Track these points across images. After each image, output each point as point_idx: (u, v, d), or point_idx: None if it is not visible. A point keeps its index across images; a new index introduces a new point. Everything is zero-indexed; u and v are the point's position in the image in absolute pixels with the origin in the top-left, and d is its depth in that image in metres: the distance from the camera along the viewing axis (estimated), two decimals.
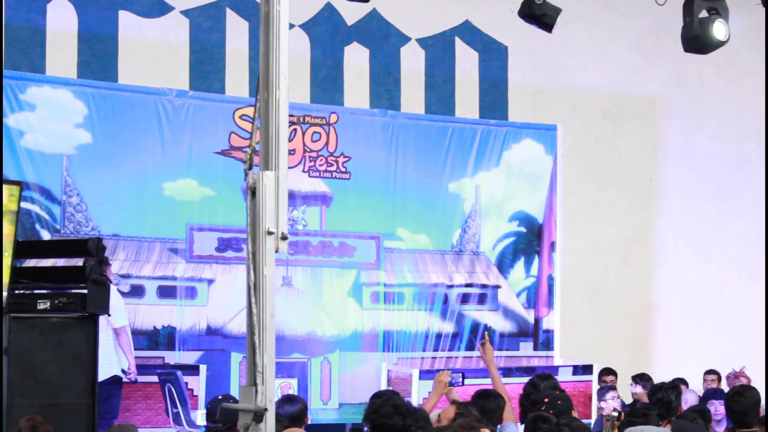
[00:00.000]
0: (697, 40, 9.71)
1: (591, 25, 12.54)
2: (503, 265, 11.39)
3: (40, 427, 5.85)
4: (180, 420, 8.75)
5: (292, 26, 9.48)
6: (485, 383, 8.27)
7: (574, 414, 6.67)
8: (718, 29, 9.60)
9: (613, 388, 10.24)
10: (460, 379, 7.35)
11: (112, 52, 10.68)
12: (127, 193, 9.83)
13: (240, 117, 10.26)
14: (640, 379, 10.42)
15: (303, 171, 10.55)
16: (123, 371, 8.73)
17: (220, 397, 6.90)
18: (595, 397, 10.37)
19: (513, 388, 8.79)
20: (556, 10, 9.68)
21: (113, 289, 8.78)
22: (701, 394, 10.78)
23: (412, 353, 10.86)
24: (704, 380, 11.43)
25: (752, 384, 10.27)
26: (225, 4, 11.14)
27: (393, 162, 10.92)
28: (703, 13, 9.60)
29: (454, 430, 5.42)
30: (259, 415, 4.04)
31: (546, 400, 6.71)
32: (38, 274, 7.72)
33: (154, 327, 9.90)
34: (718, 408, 9.17)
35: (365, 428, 5.10)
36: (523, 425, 6.80)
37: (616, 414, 7.16)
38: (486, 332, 10.00)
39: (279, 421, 4.71)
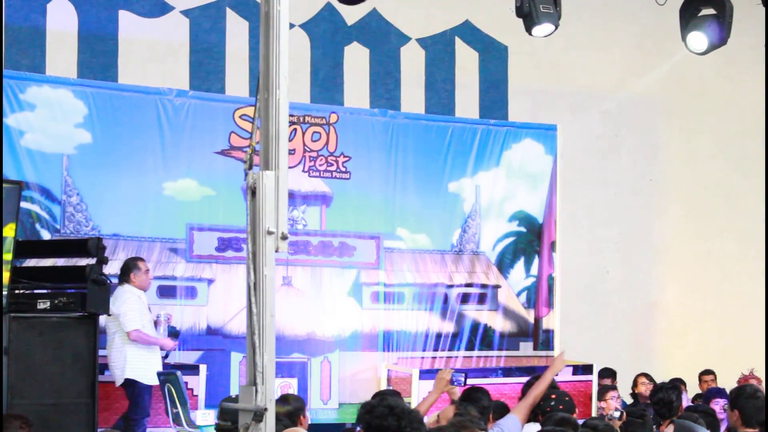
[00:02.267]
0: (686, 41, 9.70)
1: (591, 25, 12.54)
2: (503, 265, 11.38)
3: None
4: (180, 420, 8.73)
5: (292, 26, 9.48)
6: (486, 383, 8.28)
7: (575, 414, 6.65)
8: (695, 41, 9.60)
9: (614, 388, 10.25)
10: (462, 379, 7.31)
11: (112, 52, 10.68)
12: (127, 193, 9.82)
13: (240, 117, 10.26)
14: (646, 378, 10.48)
15: (303, 171, 10.55)
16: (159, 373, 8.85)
17: (234, 396, 6.87)
18: (595, 397, 10.37)
19: (513, 387, 8.81)
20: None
21: (134, 294, 8.90)
22: (694, 395, 10.78)
23: (412, 353, 10.85)
24: (702, 381, 11.42)
25: (762, 384, 10.28)
26: (225, 4, 11.14)
27: (393, 162, 10.91)
28: (706, 11, 9.56)
29: (447, 428, 5.43)
30: (259, 415, 4.04)
31: (553, 396, 6.67)
32: (38, 274, 7.73)
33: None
34: (720, 408, 9.17)
35: (358, 428, 5.08)
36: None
37: (617, 414, 7.15)
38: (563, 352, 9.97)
39: (279, 421, 4.70)
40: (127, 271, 9.06)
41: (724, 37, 9.43)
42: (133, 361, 8.91)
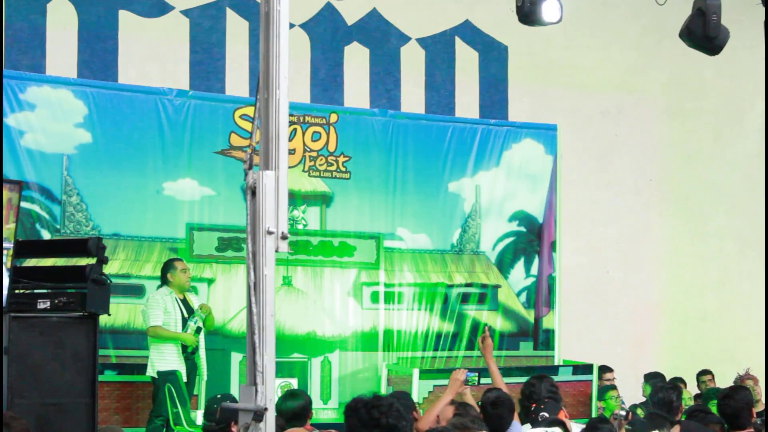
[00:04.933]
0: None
1: (591, 25, 12.54)
2: (503, 264, 11.38)
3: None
4: (180, 420, 8.75)
5: (292, 26, 9.49)
6: (486, 383, 8.27)
7: (564, 413, 6.65)
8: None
9: (614, 388, 10.26)
10: (476, 378, 7.31)
11: (112, 52, 10.68)
12: (127, 193, 9.82)
13: (240, 117, 10.26)
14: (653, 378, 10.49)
15: (303, 171, 10.55)
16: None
17: (219, 396, 6.90)
18: (595, 397, 10.38)
19: (513, 387, 8.80)
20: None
21: (160, 293, 9.11)
22: (693, 395, 10.79)
23: (412, 353, 10.86)
24: (700, 381, 11.42)
25: (760, 384, 10.29)
26: (225, 4, 11.14)
27: (393, 162, 10.91)
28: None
29: (448, 430, 5.43)
30: (259, 415, 4.04)
31: (535, 402, 6.72)
32: (38, 274, 7.72)
33: None
34: None
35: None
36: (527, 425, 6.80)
37: (623, 413, 7.15)
38: (486, 327, 10.00)
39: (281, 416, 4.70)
40: (164, 273, 9.24)
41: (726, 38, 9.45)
42: (153, 359, 9.03)
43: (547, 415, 6.38)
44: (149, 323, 9.07)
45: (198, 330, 9.16)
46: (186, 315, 9.18)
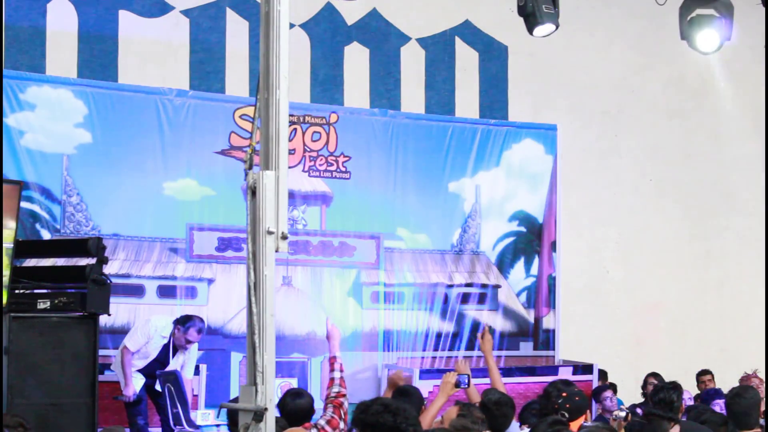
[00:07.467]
0: (692, 41, 9.68)
1: (591, 25, 12.54)
2: (503, 264, 11.38)
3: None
4: (180, 420, 8.75)
5: (292, 26, 9.48)
6: (486, 383, 8.26)
7: (589, 415, 6.62)
8: (704, 40, 9.53)
9: (607, 387, 10.24)
10: (466, 380, 7.32)
11: (112, 52, 10.68)
12: (127, 193, 9.83)
13: (240, 117, 10.26)
14: (655, 378, 10.48)
15: (303, 171, 10.55)
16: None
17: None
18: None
19: (513, 387, 8.81)
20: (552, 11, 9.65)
21: (155, 323, 8.89)
22: (693, 395, 10.78)
23: (412, 353, 10.86)
24: (699, 381, 11.40)
25: (763, 386, 10.27)
26: (225, 4, 11.14)
27: (393, 162, 10.92)
28: (702, 12, 9.55)
29: (445, 430, 5.43)
30: (259, 415, 4.04)
31: (564, 394, 6.66)
32: (38, 274, 7.73)
33: None
34: (722, 408, 9.17)
35: (353, 431, 5.08)
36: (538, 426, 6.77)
37: (623, 414, 7.15)
38: (487, 325, 9.99)
39: (276, 422, 4.70)
40: (182, 319, 9.01)
41: (729, 34, 9.42)
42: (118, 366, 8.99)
43: (567, 414, 6.36)
44: (125, 342, 8.87)
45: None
46: (171, 355, 9.04)
